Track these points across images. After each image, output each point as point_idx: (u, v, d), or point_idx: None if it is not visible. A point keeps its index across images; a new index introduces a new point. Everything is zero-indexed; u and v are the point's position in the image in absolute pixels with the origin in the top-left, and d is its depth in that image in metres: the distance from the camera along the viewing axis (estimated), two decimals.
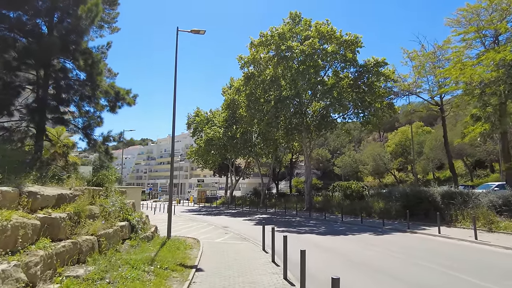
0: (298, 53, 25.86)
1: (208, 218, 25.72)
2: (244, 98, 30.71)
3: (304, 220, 22.77)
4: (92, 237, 6.96)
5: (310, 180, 29.64)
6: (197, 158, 44.83)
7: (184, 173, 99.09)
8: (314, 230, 17.54)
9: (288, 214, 27.47)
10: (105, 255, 7.09)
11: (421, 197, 19.70)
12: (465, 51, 17.47)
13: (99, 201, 8.64)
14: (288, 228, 18.12)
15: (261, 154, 40.43)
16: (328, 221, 22.04)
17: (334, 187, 40.21)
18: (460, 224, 16.31)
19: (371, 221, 21.04)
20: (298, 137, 29.73)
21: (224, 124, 38.35)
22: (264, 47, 27.64)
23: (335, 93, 25.24)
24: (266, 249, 10.98)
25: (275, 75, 27.98)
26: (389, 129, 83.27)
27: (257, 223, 21.36)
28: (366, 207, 24.45)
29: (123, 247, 8.56)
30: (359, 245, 12.49)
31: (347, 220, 21.57)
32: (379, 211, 22.93)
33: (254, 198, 43.98)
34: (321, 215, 25.19)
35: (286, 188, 61.18)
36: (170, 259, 8.30)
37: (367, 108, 27.68)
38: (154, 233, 12.12)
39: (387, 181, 61.66)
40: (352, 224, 19.82)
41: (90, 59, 10.75)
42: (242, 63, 30.19)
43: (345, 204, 27.68)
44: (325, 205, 28.86)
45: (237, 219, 25.00)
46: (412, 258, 9.93)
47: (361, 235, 15.47)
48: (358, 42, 27.51)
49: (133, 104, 13.44)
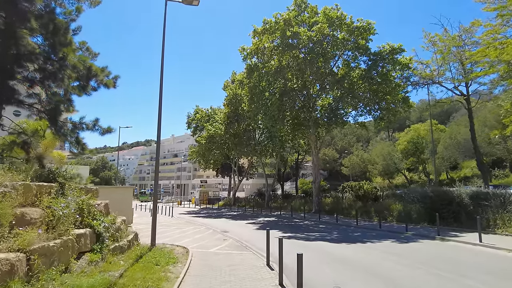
0: (305, 40, 23.54)
1: (207, 221, 23.50)
2: (247, 91, 28.48)
3: (313, 224, 20.42)
4: (15, 255, 4.75)
5: (318, 180, 27.26)
6: (198, 158, 42.68)
7: (188, 174, 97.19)
8: (326, 236, 15.20)
9: (295, 217, 25.12)
10: (37, 280, 4.89)
11: (447, 198, 17.25)
12: (501, 30, 14.99)
13: (47, 202, 6.44)
14: (296, 233, 15.81)
15: (265, 152, 38.13)
16: (340, 225, 19.66)
17: (344, 188, 37.77)
18: (500, 231, 13.84)
19: (389, 225, 18.63)
20: (305, 134, 27.34)
21: (226, 120, 36.11)
22: (268, 35, 25.37)
23: (346, 84, 22.88)
24: (271, 264, 8.70)
25: (280, 66, 25.70)
26: (398, 128, 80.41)
27: (260, 227, 19.08)
28: (381, 210, 22.02)
29: (77, 265, 6.35)
30: (384, 257, 10.14)
31: (362, 224, 19.17)
32: (397, 214, 20.53)
33: (258, 199, 41.68)
34: (331, 218, 22.82)
35: (291, 189, 58.67)
36: (140, 283, 6.07)
37: (381, 101, 25.24)
38: (133, 242, 9.89)
39: (397, 182, 58.90)
40: (369, 229, 17.42)
41: (50, 24, 8.60)
42: (244, 55, 27.98)
43: (358, 206, 25.29)
44: (335, 207, 26.47)
45: (239, 222, 22.74)
46: (465, 279, 7.54)
47: (382, 242, 13.11)
48: (371, 29, 25.10)
49: (112, 86, 11.26)
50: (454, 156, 43.27)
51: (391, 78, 23.80)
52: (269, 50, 26.16)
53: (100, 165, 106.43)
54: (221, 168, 50.57)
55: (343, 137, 75.10)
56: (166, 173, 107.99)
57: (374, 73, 24.33)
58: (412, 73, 22.78)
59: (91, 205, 8.11)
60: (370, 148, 68.55)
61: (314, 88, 25.71)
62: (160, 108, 12.01)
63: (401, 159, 53.63)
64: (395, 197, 24.52)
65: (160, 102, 12.04)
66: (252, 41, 27.05)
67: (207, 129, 35.85)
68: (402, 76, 24.21)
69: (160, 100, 12.04)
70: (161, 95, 12.03)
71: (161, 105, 12.01)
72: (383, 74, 23.78)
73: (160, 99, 12.05)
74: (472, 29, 19.19)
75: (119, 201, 19.77)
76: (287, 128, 27.44)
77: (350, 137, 75.81)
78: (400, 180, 59.45)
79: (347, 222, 20.80)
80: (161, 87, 12.08)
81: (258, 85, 27.41)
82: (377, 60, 24.02)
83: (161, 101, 12.03)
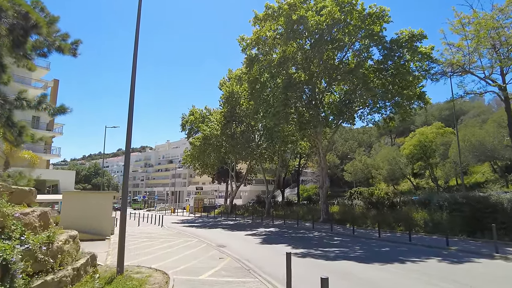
0: (313, 25, 20.79)
1: (201, 232, 20.35)
2: (247, 86, 25.66)
3: (326, 236, 17.34)
4: None
5: (326, 185, 24.23)
6: (193, 162, 39.51)
7: (183, 181, 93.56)
8: (349, 252, 12.15)
9: (302, 226, 22.01)
10: None
11: (490, 205, 14.33)
12: None
13: None
14: (309, 249, 12.75)
15: (265, 156, 35.10)
16: (358, 237, 16.62)
17: (352, 194, 34.79)
18: None
19: (419, 237, 15.58)
20: (311, 133, 24.40)
21: (222, 120, 33.12)
22: (271, 22, 22.62)
23: (360, 75, 20.09)
24: None
25: (284, 57, 22.89)
26: (401, 133, 77.93)
27: (264, 241, 15.96)
28: (402, 219, 19.07)
29: None
30: (446, 287, 7.16)
31: (385, 237, 16.10)
32: (423, 223, 17.52)
33: (258, 207, 38.50)
34: (344, 229, 19.82)
35: (292, 196, 55.51)
36: None
37: (394, 97, 22.40)
38: (85, 269, 6.76)
39: (402, 188, 56.01)
40: (396, 243, 14.39)
41: None
42: (243, 45, 25.22)
43: (372, 214, 22.29)
44: (346, 216, 23.43)
45: (238, 233, 19.61)
46: None
47: (426, 262, 10.10)
48: (385, 17, 22.43)
49: (70, 53, 8.28)
50: (467, 160, 40.46)
51: (409, 70, 21.05)
52: (271, 40, 23.41)
53: (92, 171, 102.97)
54: (217, 174, 47.39)
55: (344, 142, 72.55)
56: (160, 179, 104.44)
57: (390, 62, 21.56)
58: (434, 63, 20.00)
59: (8, 216, 5.05)
60: (373, 153, 65.81)
61: (322, 81, 22.83)
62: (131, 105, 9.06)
63: (406, 164, 50.93)
64: (414, 204, 21.56)
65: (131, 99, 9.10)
66: (253, 30, 24.34)
67: (202, 129, 32.77)
68: (421, 68, 21.41)
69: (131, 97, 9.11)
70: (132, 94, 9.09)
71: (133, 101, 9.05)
72: (400, 65, 21.04)
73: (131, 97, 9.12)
74: (508, 8, 16.57)
75: (95, 209, 16.69)
76: (292, 127, 24.46)
77: (352, 142, 73.26)
78: (406, 186, 56.62)
79: (364, 233, 17.77)
80: (133, 89, 9.16)
81: (259, 79, 24.63)
82: (393, 49, 21.26)
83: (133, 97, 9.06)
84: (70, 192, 20.62)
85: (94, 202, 16.73)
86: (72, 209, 16.28)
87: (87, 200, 17.06)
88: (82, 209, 16.24)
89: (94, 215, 16.36)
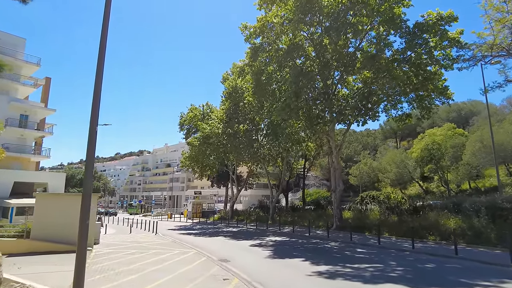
0: (328, 6, 18.42)
1: (200, 241, 17.74)
2: (251, 78, 23.23)
3: (346, 247, 14.74)
4: None
5: (340, 189, 21.65)
6: (192, 164, 36.89)
7: (181, 185, 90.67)
8: (386, 270, 9.58)
9: (313, 235, 19.35)
10: None
11: None
12: None
13: None
14: (334, 266, 10.18)
15: (269, 157, 32.55)
16: (385, 247, 14.05)
17: (363, 199, 32.25)
18: None
19: (463, 249, 12.86)
20: (323, 129, 21.90)
21: (224, 118, 30.60)
22: (279, 4, 20.26)
23: (383, 61, 17.70)
24: None
25: (294, 44, 20.49)
26: (407, 135, 75.55)
27: (274, 253, 13.33)
28: (432, 226, 16.52)
29: None
30: None
31: (419, 248, 13.43)
32: (460, 232, 14.94)
33: (260, 212, 35.83)
34: (364, 237, 17.32)
35: (296, 201, 52.76)
36: None
37: (417, 90, 20.01)
38: None
39: (410, 192, 53.41)
40: (437, 255, 11.81)
41: None
42: (247, 34, 22.81)
43: (392, 221, 19.75)
44: (360, 222, 20.83)
45: (242, 243, 16.98)
46: None
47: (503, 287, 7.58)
48: (404, 0, 20.14)
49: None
50: (482, 162, 38.00)
51: (435, 58, 18.67)
52: (279, 26, 21.01)
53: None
54: (217, 177, 44.71)
55: (348, 144, 70.07)
56: (158, 184, 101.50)
57: (410, 52, 19.17)
58: (463, 49, 17.61)
59: None
60: (379, 156, 63.27)
61: (337, 70, 20.34)
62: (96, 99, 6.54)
63: (415, 168, 48.45)
64: (441, 209, 19.03)
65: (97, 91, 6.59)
66: (257, 17, 21.93)
67: (202, 128, 30.19)
68: (447, 57, 18.95)
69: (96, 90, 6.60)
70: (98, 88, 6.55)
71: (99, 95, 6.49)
72: (425, 51, 18.64)
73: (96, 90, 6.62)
74: None
75: (74, 214, 13.98)
76: (301, 122, 21.91)
77: (356, 144, 70.84)
78: (414, 190, 54.07)
79: (391, 243, 15.20)
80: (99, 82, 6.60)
81: (265, 70, 22.22)
82: (416, 34, 18.81)
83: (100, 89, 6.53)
84: (43, 194, 18.02)
85: (72, 206, 14.11)
86: (46, 215, 13.74)
87: (65, 203, 14.47)
88: (59, 214, 13.67)
89: (73, 221, 13.70)
